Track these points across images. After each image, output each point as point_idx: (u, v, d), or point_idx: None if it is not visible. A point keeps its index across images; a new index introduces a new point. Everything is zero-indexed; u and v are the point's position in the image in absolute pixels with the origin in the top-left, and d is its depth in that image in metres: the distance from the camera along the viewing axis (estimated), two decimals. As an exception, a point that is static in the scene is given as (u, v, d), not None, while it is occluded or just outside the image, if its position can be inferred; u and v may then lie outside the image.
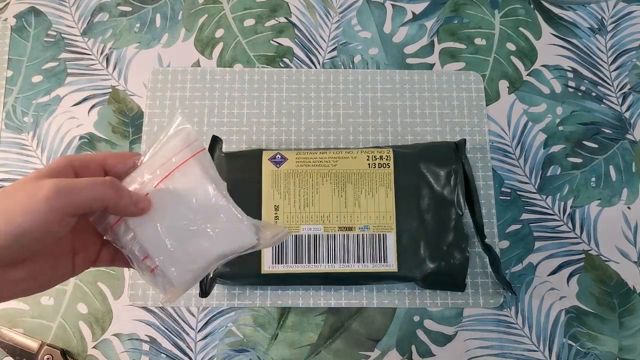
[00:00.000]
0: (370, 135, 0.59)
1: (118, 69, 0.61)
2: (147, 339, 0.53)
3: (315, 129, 0.59)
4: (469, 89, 0.61)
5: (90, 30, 0.63)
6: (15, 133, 0.59)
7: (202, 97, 0.60)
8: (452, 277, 0.51)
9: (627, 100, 0.61)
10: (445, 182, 0.53)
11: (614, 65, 0.62)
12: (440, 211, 0.52)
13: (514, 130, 0.60)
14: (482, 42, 0.63)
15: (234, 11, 0.64)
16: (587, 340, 0.53)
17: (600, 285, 0.55)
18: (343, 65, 0.62)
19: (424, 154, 0.54)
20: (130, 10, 0.63)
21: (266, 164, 0.53)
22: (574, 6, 0.64)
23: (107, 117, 0.59)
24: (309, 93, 0.60)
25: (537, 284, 0.54)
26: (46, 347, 0.51)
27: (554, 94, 0.61)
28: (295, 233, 0.51)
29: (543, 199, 0.57)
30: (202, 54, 0.62)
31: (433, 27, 0.63)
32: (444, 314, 0.54)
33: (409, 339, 0.53)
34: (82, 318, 0.53)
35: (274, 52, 0.62)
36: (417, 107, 0.60)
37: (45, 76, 0.61)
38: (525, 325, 0.53)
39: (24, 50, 0.62)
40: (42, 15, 0.63)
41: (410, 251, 0.51)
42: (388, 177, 0.53)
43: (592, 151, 0.59)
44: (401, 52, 0.62)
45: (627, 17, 0.64)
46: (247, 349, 0.53)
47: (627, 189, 0.58)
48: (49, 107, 0.60)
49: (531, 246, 0.56)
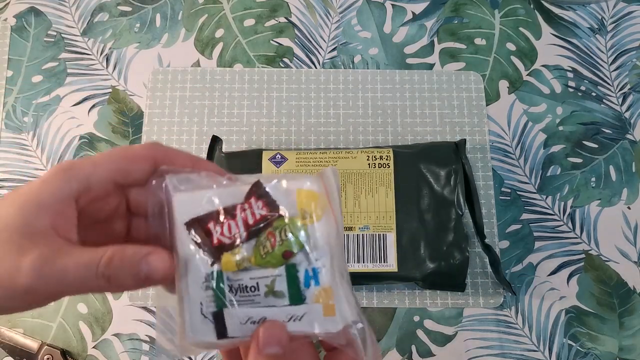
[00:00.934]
0: (370, 135, 0.59)
1: (118, 69, 0.61)
2: (147, 339, 0.53)
3: (315, 129, 0.59)
4: (469, 89, 0.61)
5: (90, 30, 0.63)
6: (15, 133, 0.59)
7: (202, 97, 0.60)
8: (452, 277, 0.51)
9: (627, 100, 0.61)
10: (445, 182, 0.53)
11: (614, 65, 0.62)
12: (440, 211, 0.52)
13: (514, 130, 0.60)
14: (482, 42, 0.63)
15: (234, 11, 0.64)
16: (587, 340, 0.53)
17: (600, 285, 0.55)
18: (343, 65, 0.62)
19: (424, 154, 0.54)
20: (130, 10, 0.63)
21: (266, 164, 0.53)
22: (574, 6, 0.64)
23: (107, 117, 0.59)
24: (309, 93, 0.60)
25: (537, 284, 0.54)
26: (46, 347, 0.51)
27: (554, 94, 0.61)
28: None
29: (543, 199, 0.57)
30: (202, 54, 0.62)
31: (433, 27, 0.63)
32: (444, 314, 0.54)
33: (409, 339, 0.53)
34: (82, 318, 0.53)
35: (274, 52, 0.62)
36: (417, 107, 0.60)
37: (45, 76, 0.61)
38: (525, 325, 0.53)
39: (24, 50, 0.62)
40: (42, 15, 0.63)
41: (410, 251, 0.51)
42: (388, 177, 0.53)
43: (592, 151, 0.59)
44: (401, 52, 0.62)
45: (627, 17, 0.64)
46: (247, 349, 0.53)
47: (627, 189, 0.58)
48: (49, 107, 0.60)
49: (531, 246, 0.56)
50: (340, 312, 0.27)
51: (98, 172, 0.26)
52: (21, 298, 0.24)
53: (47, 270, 0.23)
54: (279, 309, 0.26)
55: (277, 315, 0.26)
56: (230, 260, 0.26)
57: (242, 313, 0.26)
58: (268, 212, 0.26)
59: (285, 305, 0.26)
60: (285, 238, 0.26)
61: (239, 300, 0.26)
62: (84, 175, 0.25)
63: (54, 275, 0.23)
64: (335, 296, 0.26)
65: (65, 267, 0.23)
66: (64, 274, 0.23)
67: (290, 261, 0.26)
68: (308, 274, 0.26)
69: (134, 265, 0.24)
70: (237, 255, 0.26)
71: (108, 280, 0.24)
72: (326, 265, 0.26)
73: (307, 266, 0.26)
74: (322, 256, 0.26)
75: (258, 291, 0.26)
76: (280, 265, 0.26)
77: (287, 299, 0.26)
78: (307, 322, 0.26)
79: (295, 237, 0.26)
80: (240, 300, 0.26)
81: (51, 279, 0.23)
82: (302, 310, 0.26)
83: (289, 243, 0.26)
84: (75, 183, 0.25)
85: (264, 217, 0.26)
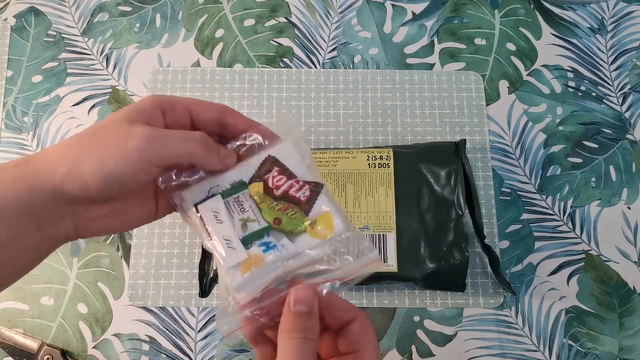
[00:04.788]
0: (370, 135, 0.59)
1: (118, 68, 0.61)
2: (147, 339, 0.53)
3: (315, 129, 0.59)
4: (469, 89, 0.61)
5: (90, 30, 0.63)
6: (15, 133, 0.59)
7: (202, 97, 0.59)
8: (452, 277, 0.51)
9: (627, 100, 0.61)
10: (446, 182, 0.53)
11: (614, 65, 0.62)
12: (440, 211, 0.52)
13: (514, 130, 0.60)
14: (482, 42, 0.63)
15: (234, 11, 0.64)
16: (587, 340, 0.53)
17: (600, 285, 0.55)
18: (343, 65, 0.62)
19: (424, 154, 0.54)
20: (130, 10, 0.63)
21: (266, 164, 0.53)
22: (574, 6, 0.64)
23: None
24: (309, 93, 0.60)
25: (537, 284, 0.54)
26: (46, 347, 0.51)
27: (554, 94, 0.61)
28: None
29: (543, 199, 0.57)
30: (202, 54, 0.62)
31: (433, 27, 0.63)
32: (444, 314, 0.54)
33: (409, 339, 0.53)
34: (82, 318, 0.53)
35: (274, 52, 0.62)
36: (417, 107, 0.60)
37: (45, 76, 0.61)
38: (525, 325, 0.53)
39: (24, 50, 0.62)
40: (42, 15, 0.63)
41: (410, 251, 0.51)
42: (388, 177, 0.53)
43: (592, 151, 0.59)
44: (401, 52, 0.62)
45: (627, 17, 0.64)
46: (247, 349, 0.53)
47: (627, 189, 0.58)
48: (49, 107, 0.60)
49: (531, 246, 0.56)
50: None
51: (181, 101, 0.32)
52: (131, 158, 0.28)
53: (154, 134, 0.29)
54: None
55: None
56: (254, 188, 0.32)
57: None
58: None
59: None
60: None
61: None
62: (170, 100, 0.31)
63: (159, 139, 0.29)
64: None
65: (167, 134, 0.29)
66: (167, 139, 0.29)
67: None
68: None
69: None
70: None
71: (206, 147, 0.30)
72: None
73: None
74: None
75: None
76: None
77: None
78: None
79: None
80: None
81: (158, 141, 0.29)
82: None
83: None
84: (165, 99, 0.31)
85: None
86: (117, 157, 0.28)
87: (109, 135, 0.29)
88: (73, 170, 0.28)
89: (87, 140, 0.29)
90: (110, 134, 0.29)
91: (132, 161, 0.28)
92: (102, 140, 0.29)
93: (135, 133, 0.28)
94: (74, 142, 0.29)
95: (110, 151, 0.28)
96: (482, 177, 0.57)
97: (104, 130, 0.29)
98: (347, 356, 0.30)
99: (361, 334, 0.30)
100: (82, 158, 0.28)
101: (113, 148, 0.28)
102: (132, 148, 0.28)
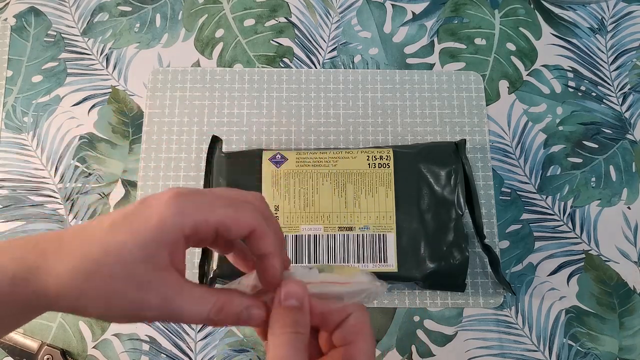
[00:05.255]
0: (370, 135, 0.59)
1: (118, 68, 0.61)
2: (147, 339, 0.53)
3: (315, 129, 0.59)
4: (469, 89, 0.61)
5: (90, 30, 0.63)
6: (15, 133, 0.59)
7: (202, 97, 0.60)
8: (452, 277, 0.51)
9: (627, 100, 0.61)
10: (446, 182, 0.53)
11: (614, 65, 0.62)
12: (440, 211, 0.52)
13: (514, 130, 0.60)
14: (482, 42, 0.63)
15: (234, 11, 0.64)
16: (587, 341, 0.53)
17: (600, 285, 0.55)
18: (343, 65, 0.62)
19: (424, 154, 0.54)
20: (130, 10, 0.63)
21: (266, 164, 0.53)
22: (574, 6, 0.64)
23: (107, 117, 0.59)
24: (309, 93, 0.60)
25: (537, 284, 0.54)
26: (46, 347, 0.51)
27: (554, 94, 0.61)
28: (295, 233, 0.51)
29: (543, 199, 0.57)
30: (202, 54, 0.62)
31: (433, 27, 0.63)
32: (444, 314, 0.54)
33: (409, 339, 0.53)
34: (82, 318, 0.53)
35: (274, 52, 0.62)
36: (417, 107, 0.60)
37: (45, 76, 0.61)
38: (525, 325, 0.53)
39: (24, 50, 0.62)
40: (42, 15, 0.63)
41: (410, 251, 0.51)
42: (388, 177, 0.53)
43: (592, 151, 0.59)
44: (401, 52, 0.62)
45: (627, 17, 0.64)
46: (247, 349, 0.53)
47: (627, 189, 0.58)
48: (49, 107, 0.60)
49: (531, 246, 0.56)
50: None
51: (210, 218, 0.27)
52: (140, 321, 0.27)
53: (168, 310, 0.27)
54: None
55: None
56: None
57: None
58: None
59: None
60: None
61: None
62: (199, 219, 0.27)
63: (173, 314, 0.27)
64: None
65: (182, 308, 0.27)
66: (180, 313, 0.27)
67: None
68: None
69: (237, 314, 0.28)
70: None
71: (214, 323, 0.28)
72: None
73: None
74: None
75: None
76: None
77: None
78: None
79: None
80: None
81: (171, 315, 0.27)
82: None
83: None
84: (190, 221, 0.27)
85: None
86: (128, 320, 0.27)
87: (124, 279, 0.26)
88: (78, 308, 0.26)
89: (99, 278, 0.26)
90: (125, 278, 0.26)
91: (145, 318, 0.27)
92: (114, 286, 0.26)
93: (151, 304, 0.27)
94: (85, 269, 0.26)
95: (124, 304, 0.26)
96: (482, 177, 0.57)
97: (118, 267, 0.26)
98: (340, 349, 0.30)
99: (357, 326, 0.30)
100: (89, 303, 0.26)
101: (128, 302, 0.26)
102: (145, 319, 0.27)
